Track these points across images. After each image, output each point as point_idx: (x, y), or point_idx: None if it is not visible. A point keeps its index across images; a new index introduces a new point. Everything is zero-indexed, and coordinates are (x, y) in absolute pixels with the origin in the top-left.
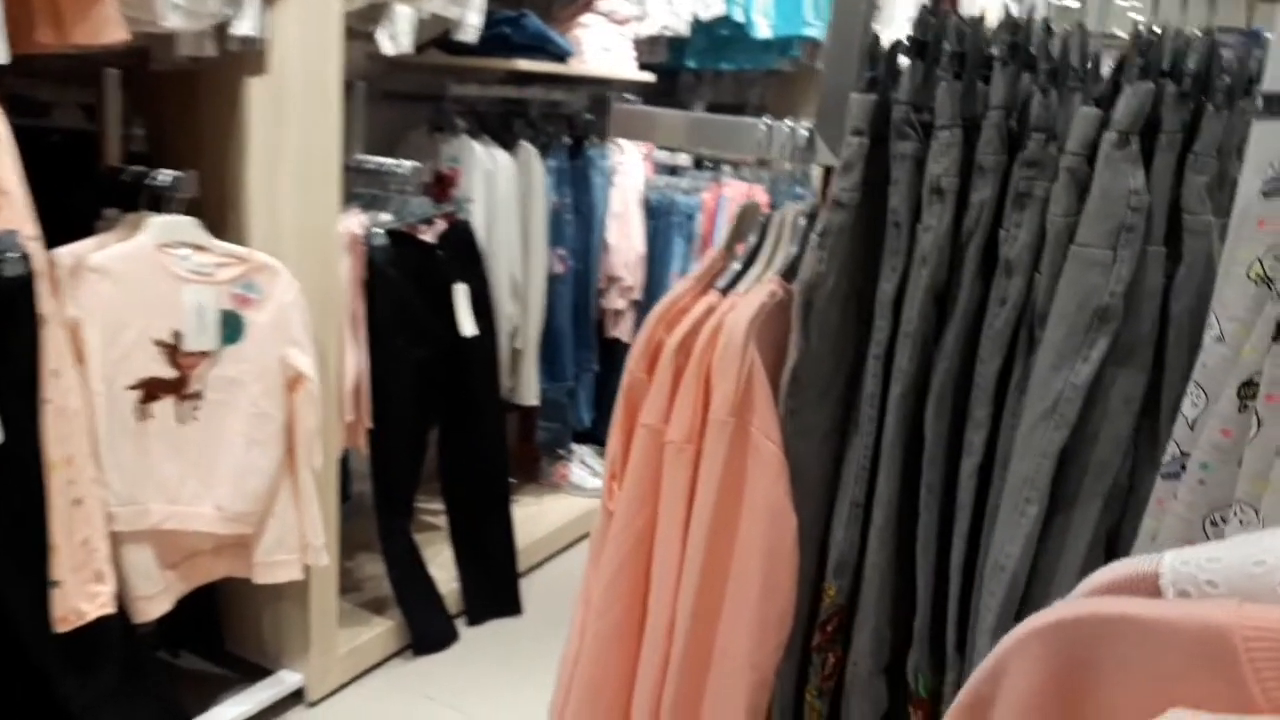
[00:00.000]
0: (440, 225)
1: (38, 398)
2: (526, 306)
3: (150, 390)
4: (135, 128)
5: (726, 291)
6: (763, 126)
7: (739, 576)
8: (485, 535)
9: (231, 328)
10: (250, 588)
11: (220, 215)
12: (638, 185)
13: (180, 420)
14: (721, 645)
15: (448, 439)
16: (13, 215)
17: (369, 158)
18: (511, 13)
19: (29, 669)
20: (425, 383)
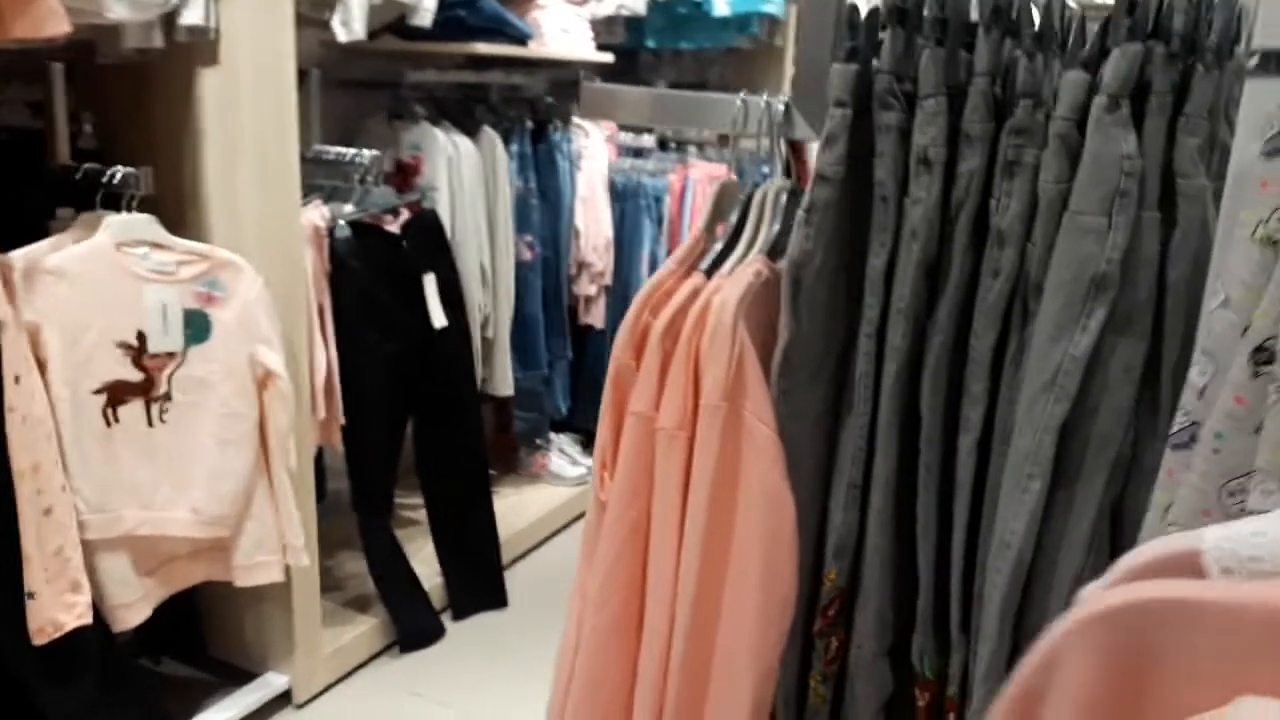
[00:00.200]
0: (404, 215)
1: (0, 405)
2: (496, 295)
3: (116, 394)
4: (84, 124)
5: (710, 273)
6: (738, 101)
7: (739, 564)
8: (467, 528)
9: (197, 327)
10: (231, 590)
11: (178, 212)
12: (603, 168)
13: (149, 423)
14: (724, 636)
15: (424, 432)
16: None
17: (328, 148)
18: None
19: (8, 681)
20: (398, 376)
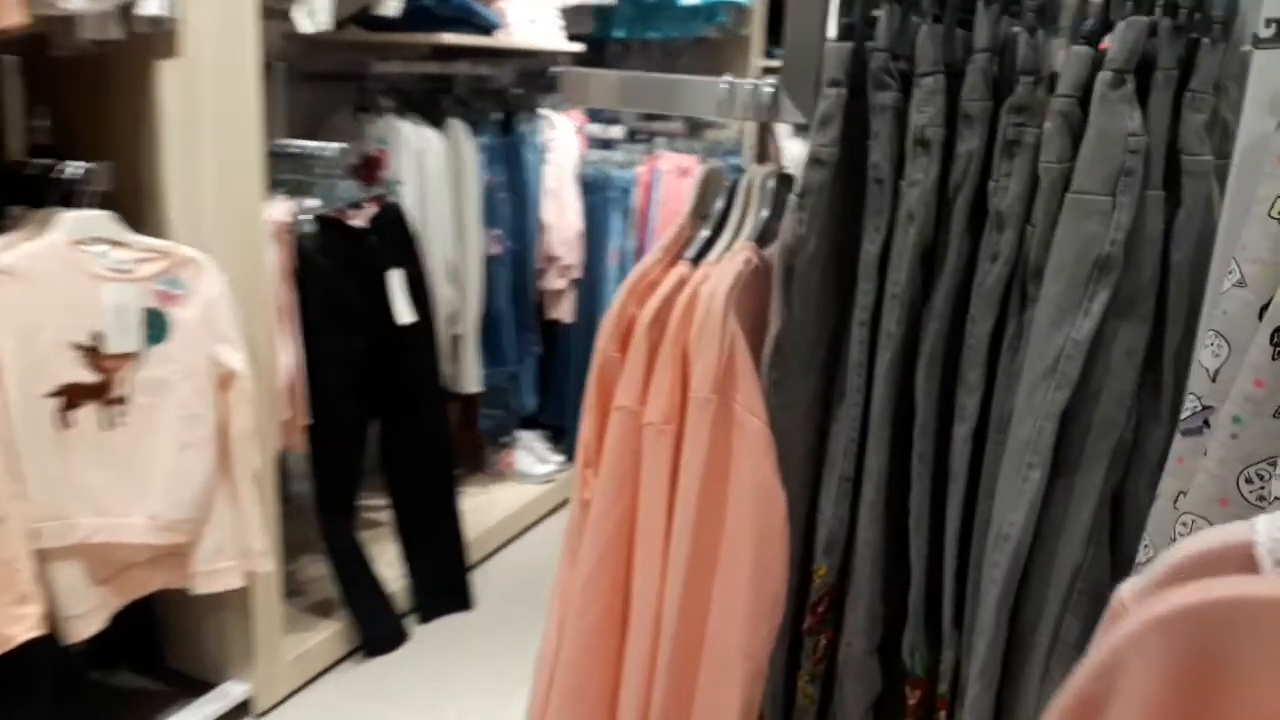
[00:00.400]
0: (370, 209)
1: None
2: (464, 290)
3: (71, 397)
4: (38, 119)
5: (697, 261)
6: (723, 85)
7: (728, 561)
8: (432, 530)
9: (156, 327)
10: (189, 597)
11: (137, 208)
12: (571, 161)
13: (105, 427)
14: (713, 635)
15: (389, 432)
16: None
17: (292, 141)
18: None
19: None
20: (363, 375)
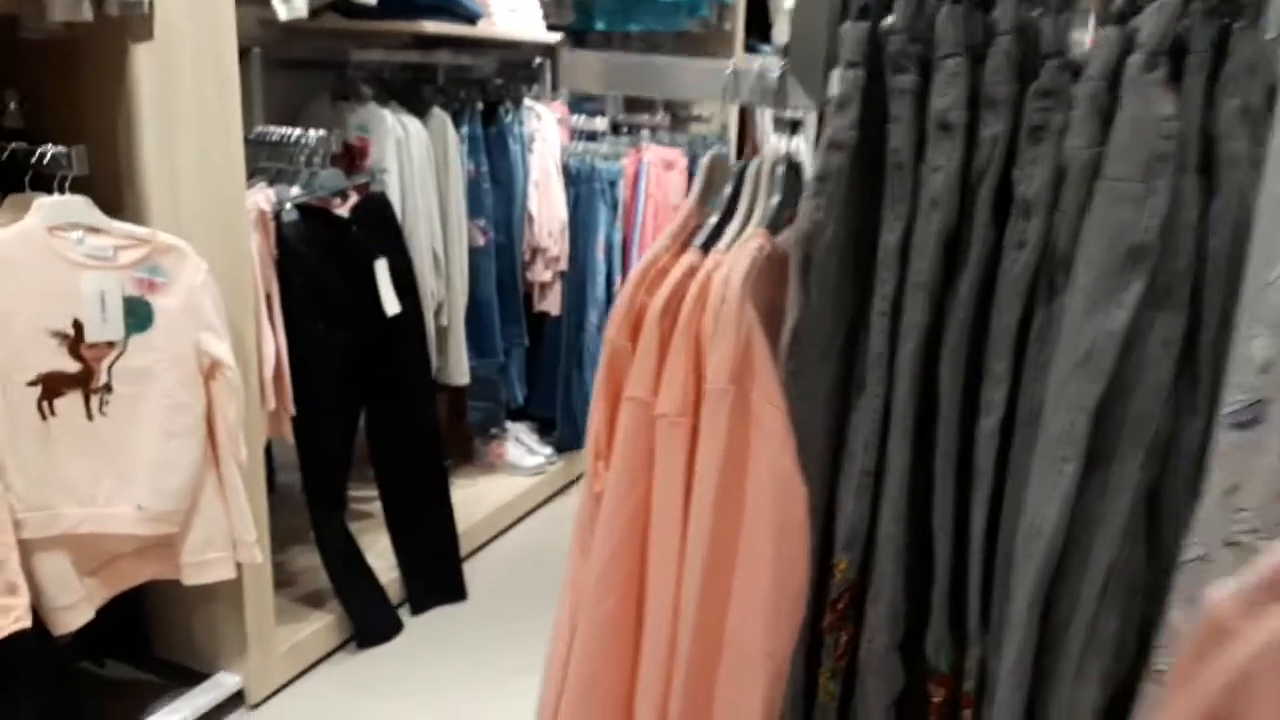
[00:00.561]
0: (353, 198)
1: None
2: (450, 281)
3: (52, 385)
4: (8, 102)
5: (707, 248)
6: (729, 69)
7: (748, 556)
8: (424, 520)
9: (138, 315)
10: (179, 587)
11: (115, 195)
12: (555, 151)
13: (88, 416)
14: (732, 633)
15: (378, 423)
16: None
17: (272, 129)
18: None
19: None
20: (350, 365)
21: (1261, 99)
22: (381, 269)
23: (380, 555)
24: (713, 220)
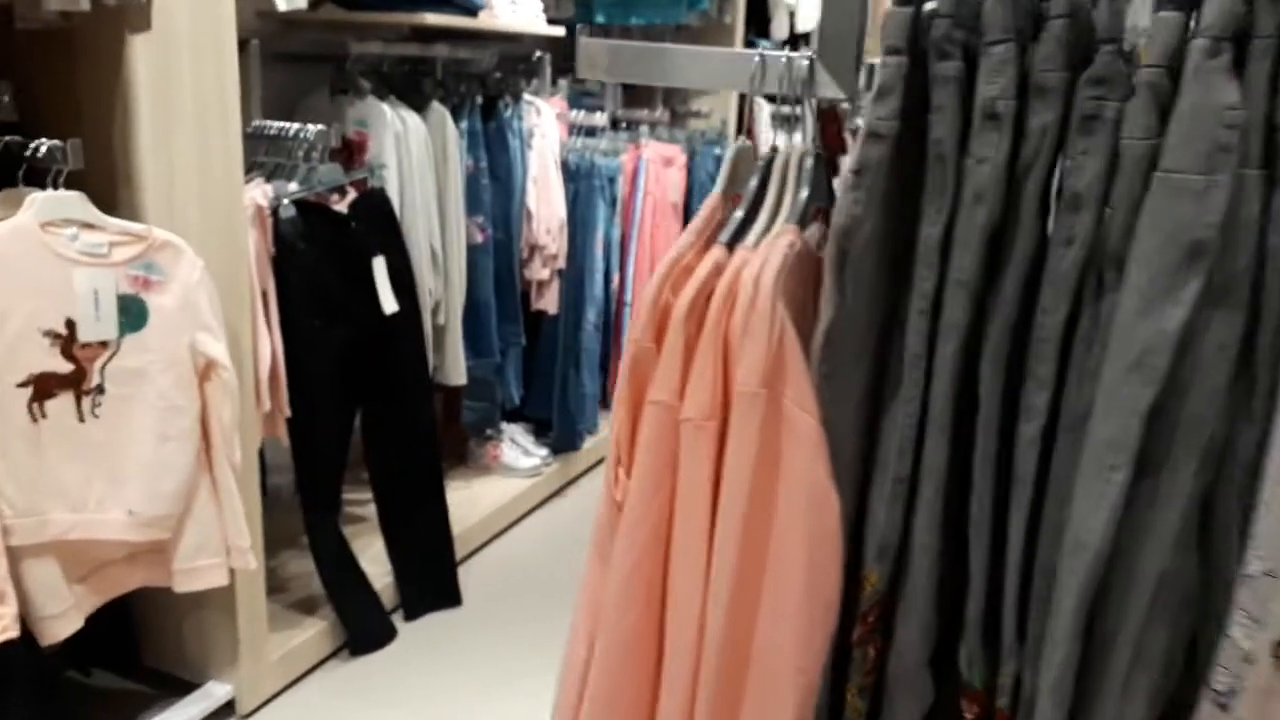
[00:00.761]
0: (351, 194)
1: None
2: (448, 279)
3: (43, 386)
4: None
5: (732, 245)
6: (755, 57)
7: (779, 569)
8: (419, 524)
9: (132, 314)
10: (168, 594)
11: (109, 190)
12: (555, 147)
13: (80, 418)
14: (761, 648)
15: (373, 424)
16: None
17: (269, 123)
18: None
19: None
20: (346, 365)
21: None
22: (380, 266)
23: (374, 560)
24: (738, 215)
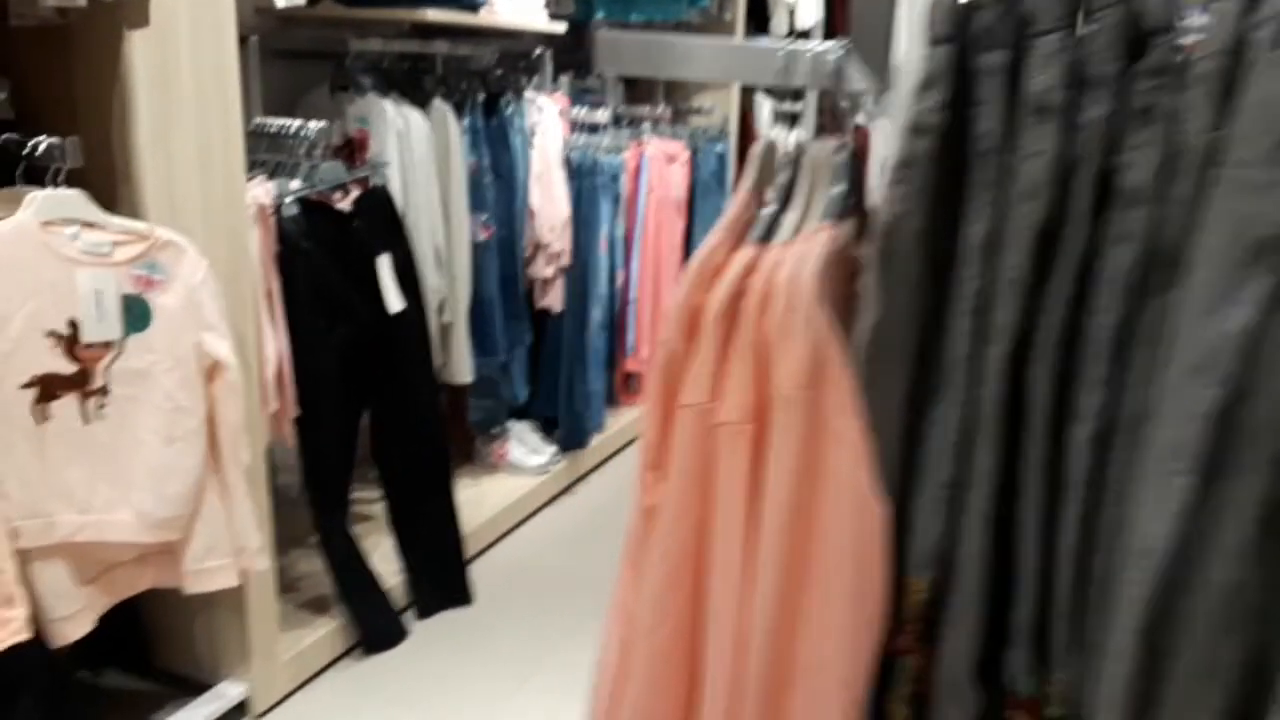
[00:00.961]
0: (354, 192)
1: None
2: (453, 277)
3: (47, 388)
4: None
5: (764, 243)
6: (782, 50)
7: (823, 579)
8: (429, 523)
9: (136, 314)
10: (178, 595)
11: (109, 188)
12: (557, 144)
13: (85, 420)
14: (806, 661)
15: (381, 423)
16: None
17: (271, 120)
18: None
19: None
20: (352, 365)
21: None
22: (384, 265)
23: (384, 559)
24: (768, 211)
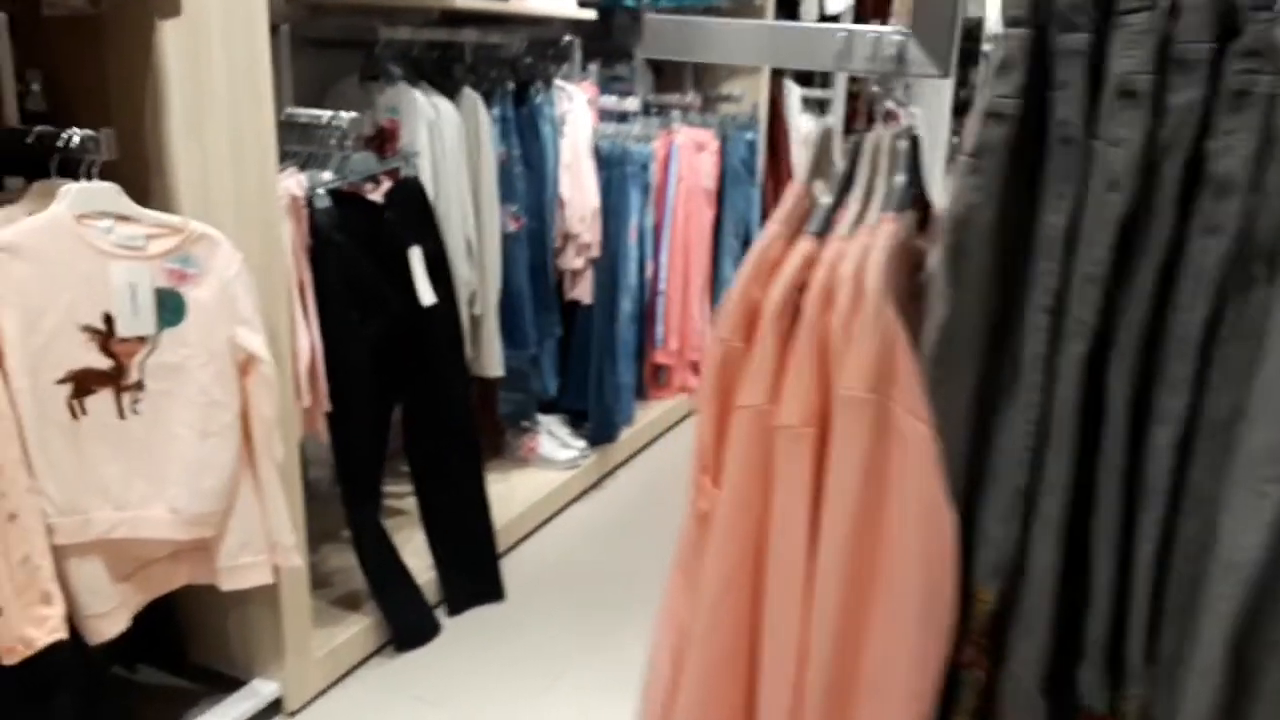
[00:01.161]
0: (385, 183)
1: None
2: (483, 269)
3: (83, 383)
4: (30, 83)
5: (822, 235)
6: (841, 33)
7: (891, 589)
8: (460, 518)
9: (170, 308)
10: (212, 591)
11: (141, 180)
12: (587, 134)
13: (120, 415)
14: (872, 674)
15: (413, 417)
16: None
17: (301, 110)
18: None
19: None
20: (385, 358)
21: None
22: (416, 257)
23: (414, 554)
24: (826, 202)
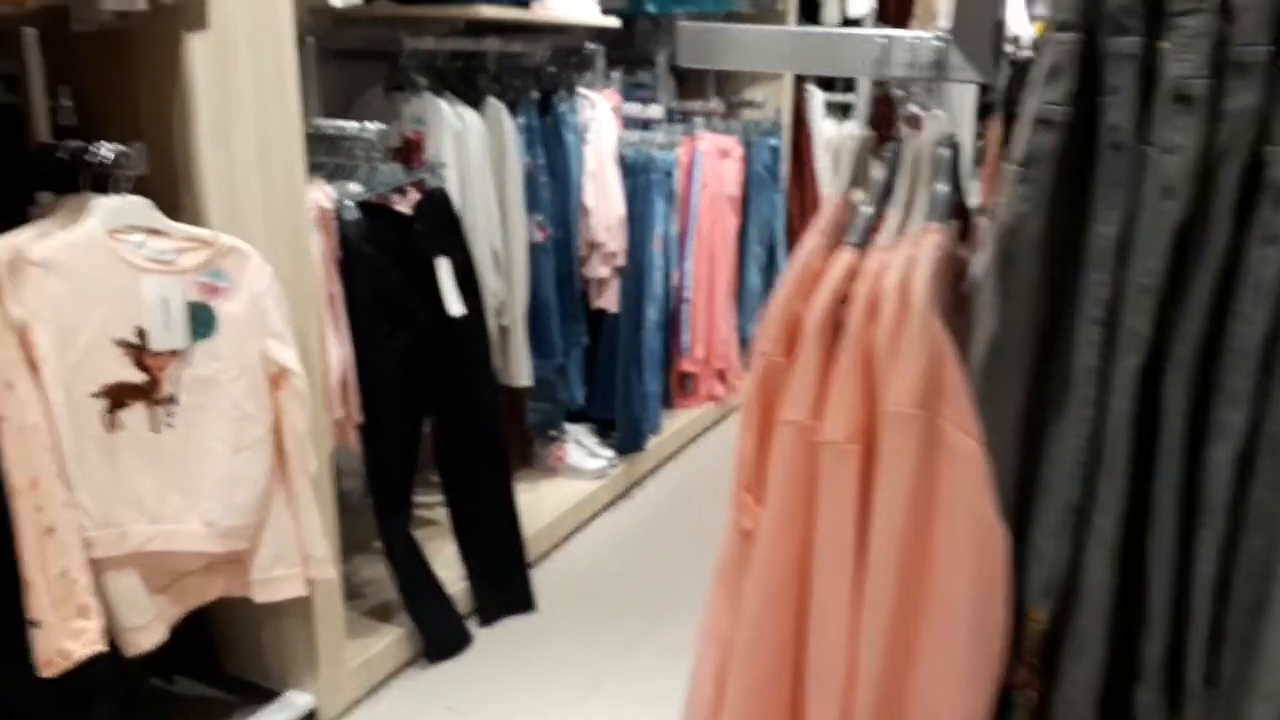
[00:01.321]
0: (413, 195)
1: None
2: (511, 279)
3: (117, 397)
4: (60, 98)
5: (863, 246)
6: (879, 39)
7: (942, 610)
8: (491, 530)
9: (201, 321)
10: (246, 602)
11: (171, 194)
12: (611, 142)
13: (155, 429)
14: (921, 697)
15: (443, 428)
16: None
17: (328, 122)
18: None
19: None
20: (415, 369)
21: None
22: (444, 268)
23: (445, 564)
24: (866, 211)
